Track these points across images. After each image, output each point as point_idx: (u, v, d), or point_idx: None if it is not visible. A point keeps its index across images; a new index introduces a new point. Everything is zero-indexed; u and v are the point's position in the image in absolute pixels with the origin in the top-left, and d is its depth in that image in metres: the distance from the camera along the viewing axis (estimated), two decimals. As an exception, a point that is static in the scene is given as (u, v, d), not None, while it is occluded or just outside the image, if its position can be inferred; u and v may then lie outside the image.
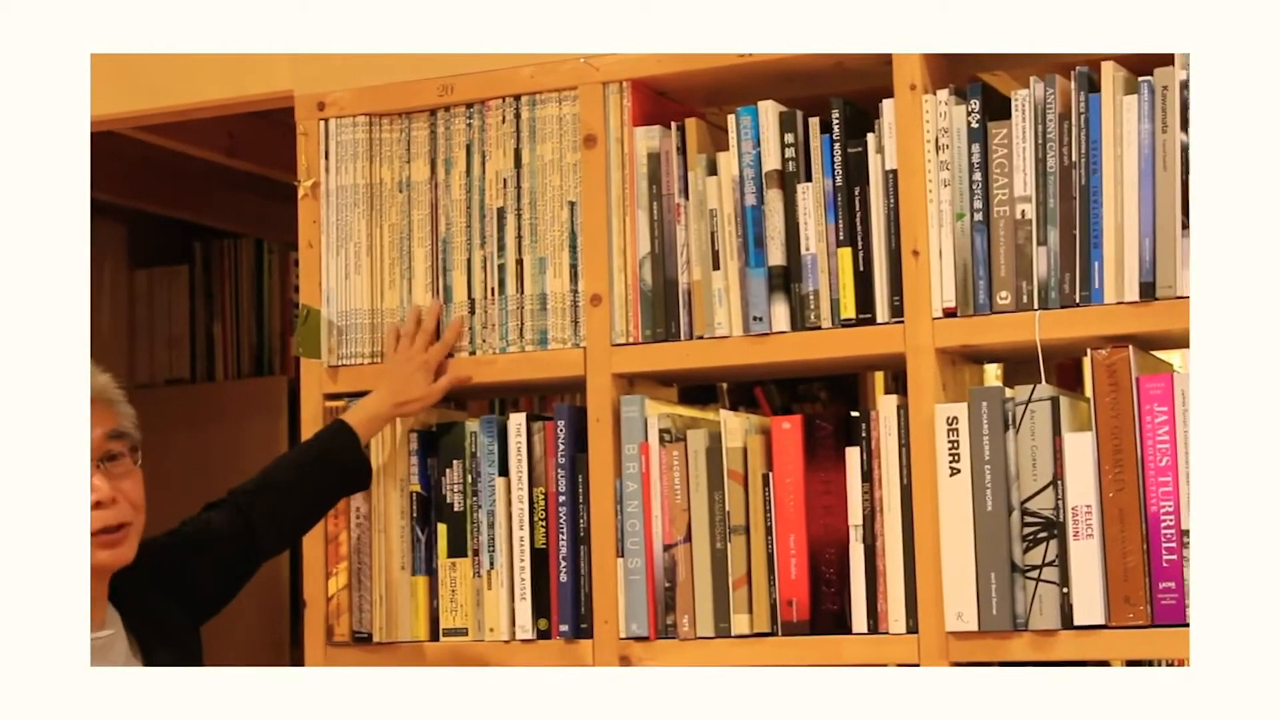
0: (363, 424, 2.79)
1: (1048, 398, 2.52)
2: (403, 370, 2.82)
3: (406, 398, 2.82)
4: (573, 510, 2.78)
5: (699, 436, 2.71)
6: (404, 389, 2.81)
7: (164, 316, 4.49)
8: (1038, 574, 2.51)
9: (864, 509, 2.63)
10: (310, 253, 2.95)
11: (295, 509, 2.73)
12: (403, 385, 2.81)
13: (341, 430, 2.78)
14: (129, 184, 4.20)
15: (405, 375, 2.82)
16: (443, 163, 2.91)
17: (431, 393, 2.83)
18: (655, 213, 2.78)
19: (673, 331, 2.76)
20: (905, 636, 2.58)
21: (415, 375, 2.82)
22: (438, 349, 2.84)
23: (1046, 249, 2.56)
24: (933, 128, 2.62)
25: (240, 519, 2.63)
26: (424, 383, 2.82)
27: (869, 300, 2.65)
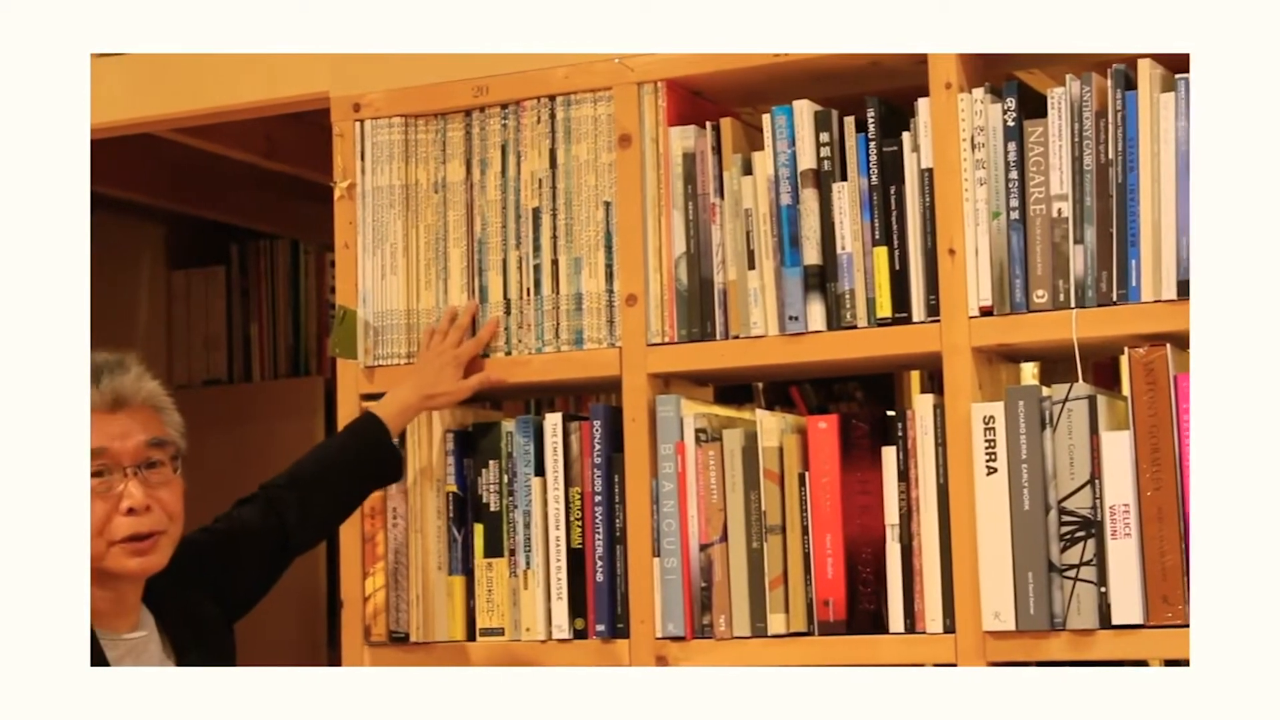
0: (392, 416, 2.79)
1: (1085, 396, 2.52)
2: (433, 364, 2.83)
3: (435, 390, 2.82)
4: (608, 510, 2.78)
5: (735, 436, 2.71)
6: (433, 382, 2.82)
7: (201, 317, 4.51)
8: (1075, 573, 2.50)
9: (900, 508, 2.63)
10: (346, 254, 2.96)
11: (327, 503, 2.74)
12: (432, 378, 2.82)
13: (371, 423, 2.78)
14: (167, 186, 4.21)
15: (435, 369, 2.82)
16: (478, 163, 2.91)
17: (460, 388, 2.83)
18: (690, 212, 2.78)
19: (708, 331, 2.76)
20: (942, 636, 2.58)
21: (445, 369, 2.82)
22: (470, 346, 2.85)
23: (1083, 247, 2.55)
24: (968, 126, 2.61)
25: (272, 514, 2.64)
26: (453, 378, 2.82)
27: (905, 299, 2.65)
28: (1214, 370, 2.15)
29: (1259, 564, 2.07)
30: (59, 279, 2.18)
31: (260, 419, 4.29)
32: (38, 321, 2.16)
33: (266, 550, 2.63)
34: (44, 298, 2.17)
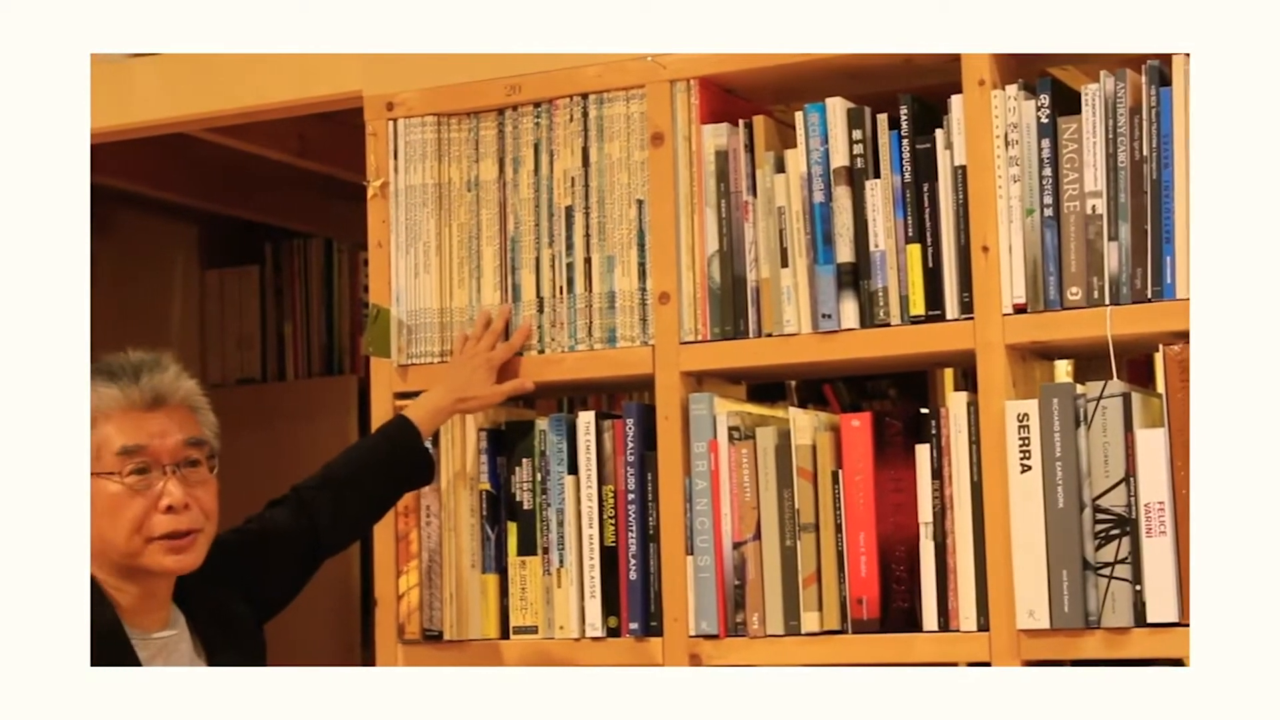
0: (424, 419, 2.80)
1: (1119, 394, 2.51)
2: (465, 367, 2.83)
3: (467, 394, 2.82)
4: (642, 508, 2.78)
5: (768, 434, 2.71)
6: (466, 386, 2.82)
7: (235, 316, 4.53)
8: (1110, 571, 2.49)
9: (934, 506, 2.62)
10: (380, 252, 2.97)
11: (358, 505, 2.74)
12: (465, 382, 2.82)
13: (403, 425, 2.79)
14: (201, 185, 4.23)
15: (468, 372, 2.83)
16: (511, 162, 2.91)
17: (494, 393, 2.83)
18: (723, 210, 2.77)
19: (741, 329, 2.76)
20: (976, 634, 2.57)
21: (478, 373, 2.82)
22: (503, 350, 2.85)
23: (1117, 244, 2.54)
24: (1002, 123, 2.61)
25: (304, 516, 2.64)
26: (486, 381, 2.83)
27: (938, 297, 2.64)
28: (1214, 371, 2.14)
29: (1259, 564, 2.07)
30: (59, 279, 2.19)
31: (294, 418, 4.30)
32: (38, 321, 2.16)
33: (297, 552, 2.64)
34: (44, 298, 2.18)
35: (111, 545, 2.35)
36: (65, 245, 2.20)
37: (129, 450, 2.36)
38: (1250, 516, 2.08)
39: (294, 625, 2.73)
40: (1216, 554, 2.10)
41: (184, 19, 2.90)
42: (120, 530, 2.35)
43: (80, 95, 2.27)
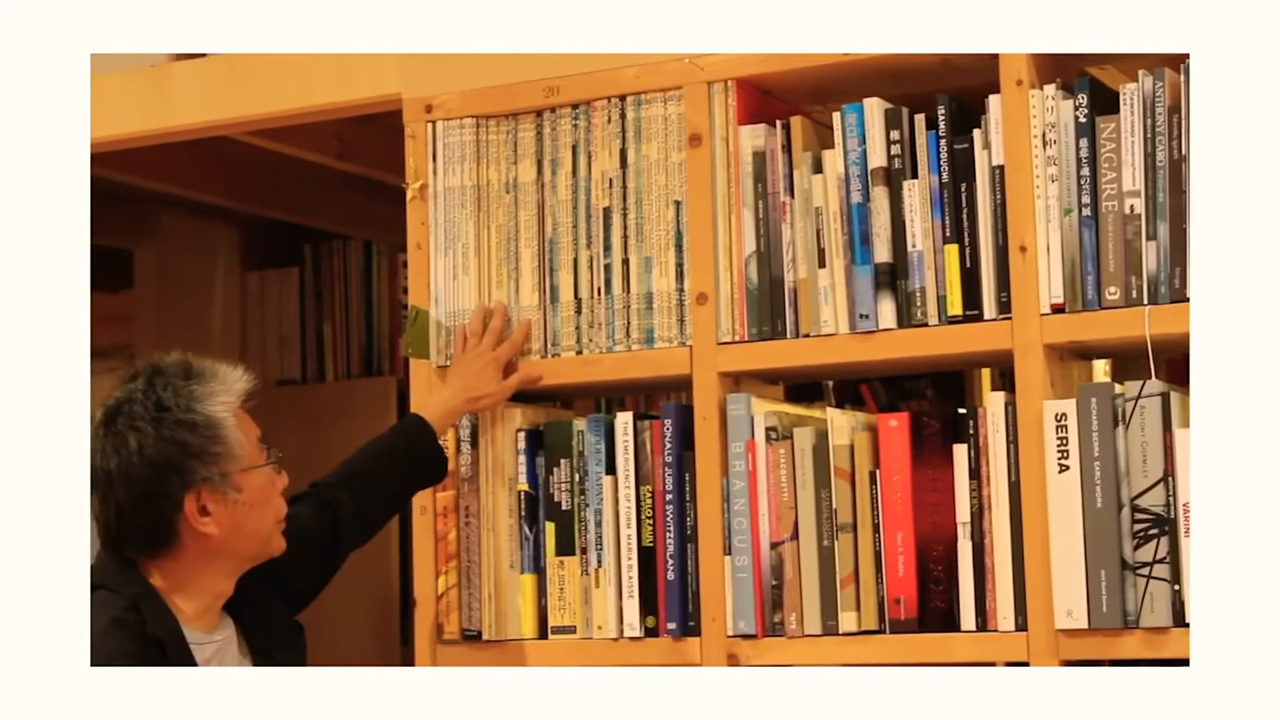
0: (438, 418, 2.82)
1: (1158, 393, 2.50)
2: (472, 367, 2.85)
3: (478, 393, 2.84)
4: (679, 508, 2.78)
5: (806, 434, 2.71)
6: (475, 385, 2.84)
7: (275, 318, 4.55)
8: (1148, 571, 2.49)
9: (972, 506, 2.62)
10: (419, 254, 2.98)
11: (377, 502, 2.78)
12: (474, 381, 2.84)
13: (419, 423, 2.81)
14: (241, 188, 4.25)
15: (475, 372, 2.85)
16: (549, 163, 2.92)
17: (502, 389, 2.85)
18: (760, 211, 2.78)
19: (779, 329, 2.76)
20: (1014, 634, 2.57)
21: (485, 372, 2.84)
22: (506, 348, 2.87)
23: (1156, 244, 2.54)
24: (1040, 123, 2.61)
25: (326, 512, 2.67)
26: (494, 379, 2.85)
27: (976, 297, 2.64)
28: (1214, 371, 2.14)
29: (1259, 565, 2.06)
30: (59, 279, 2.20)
31: (333, 419, 4.31)
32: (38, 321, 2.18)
33: (319, 547, 2.67)
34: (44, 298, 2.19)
35: (255, 536, 2.43)
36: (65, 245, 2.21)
37: (265, 439, 2.47)
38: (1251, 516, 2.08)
39: (334, 625, 2.75)
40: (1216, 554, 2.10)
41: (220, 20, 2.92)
42: (268, 518, 2.45)
43: (80, 95, 2.28)
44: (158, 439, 2.35)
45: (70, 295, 2.21)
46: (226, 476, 2.38)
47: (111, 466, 2.36)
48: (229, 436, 2.39)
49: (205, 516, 2.38)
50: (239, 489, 2.39)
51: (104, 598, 2.35)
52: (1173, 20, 2.46)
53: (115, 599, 2.35)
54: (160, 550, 2.39)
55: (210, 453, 2.37)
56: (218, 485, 2.38)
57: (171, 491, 2.36)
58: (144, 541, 2.39)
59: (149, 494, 2.36)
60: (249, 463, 2.41)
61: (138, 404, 2.37)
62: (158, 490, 2.36)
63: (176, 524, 2.37)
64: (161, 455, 2.35)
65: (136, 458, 2.35)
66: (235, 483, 2.39)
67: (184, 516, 2.37)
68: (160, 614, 2.35)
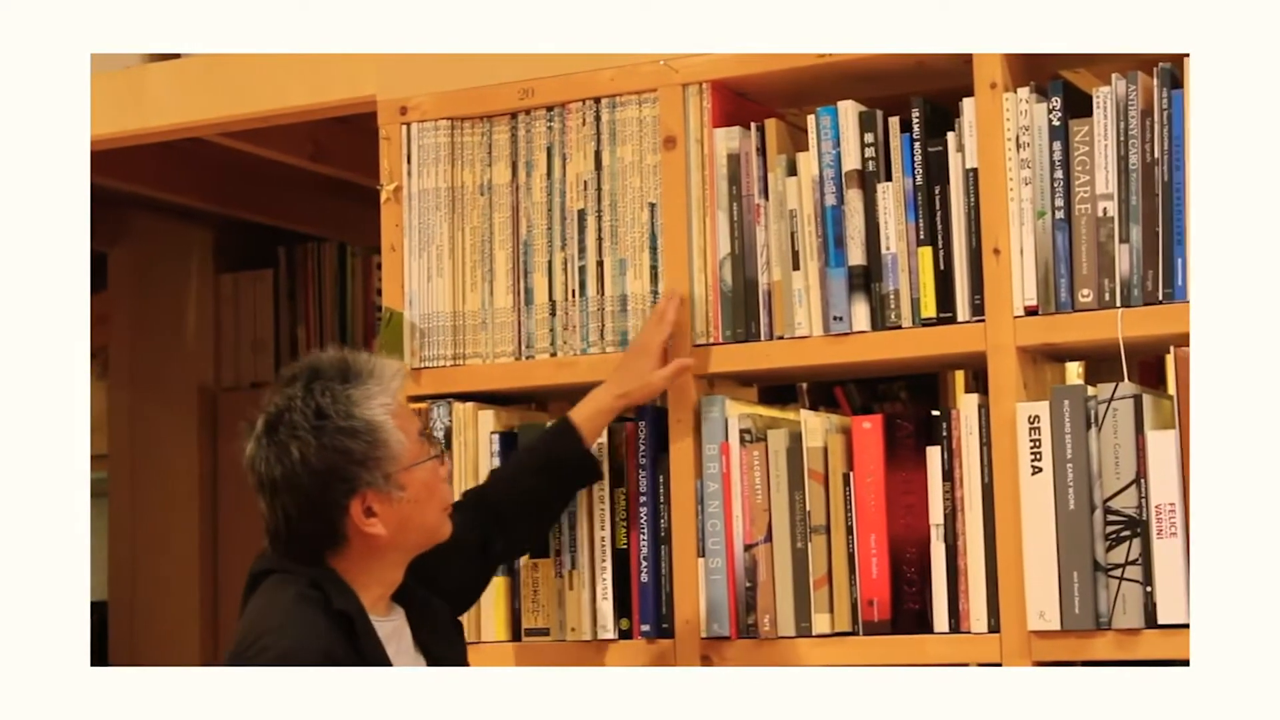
0: (586, 420, 2.75)
1: (1130, 396, 2.51)
2: (633, 359, 2.76)
3: (631, 386, 2.75)
4: (654, 510, 2.79)
5: (779, 436, 2.71)
6: (631, 378, 2.75)
7: (249, 320, 4.54)
8: (1121, 573, 2.50)
9: (945, 508, 2.63)
10: (393, 256, 2.98)
11: (522, 510, 2.72)
12: (632, 374, 2.75)
13: (565, 429, 2.75)
14: (215, 190, 4.25)
15: (633, 361, 2.76)
16: (524, 165, 2.92)
17: (660, 379, 2.75)
18: (735, 213, 2.78)
19: (753, 332, 2.77)
20: (987, 636, 2.58)
21: (637, 361, 2.76)
22: (658, 331, 2.76)
23: (1129, 246, 2.55)
24: (1013, 126, 2.61)
25: (476, 521, 2.65)
26: (647, 369, 2.75)
27: (949, 299, 2.65)
28: (1214, 371, 2.15)
29: (1259, 565, 2.07)
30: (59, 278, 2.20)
31: (308, 421, 4.30)
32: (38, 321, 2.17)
33: (468, 556, 2.64)
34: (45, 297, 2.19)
35: (422, 529, 2.42)
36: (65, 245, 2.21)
37: (427, 434, 2.46)
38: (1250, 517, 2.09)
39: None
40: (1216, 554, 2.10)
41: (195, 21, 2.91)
42: (434, 510, 2.43)
43: (80, 95, 2.28)
44: (320, 448, 2.34)
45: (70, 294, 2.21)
46: (390, 477, 2.36)
47: (276, 475, 2.35)
48: (390, 439, 2.37)
49: (371, 518, 2.36)
50: (403, 487, 2.37)
51: (281, 579, 2.37)
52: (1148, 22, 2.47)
53: (294, 579, 2.36)
54: (328, 550, 2.39)
55: (373, 457, 2.35)
56: (382, 488, 2.36)
57: (337, 499, 2.35)
58: (313, 544, 2.38)
59: (315, 502, 2.35)
60: (411, 460, 2.39)
61: (297, 412, 2.35)
62: (323, 498, 2.35)
63: (344, 528, 2.37)
64: (324, 464, 2.34)
65: (300, 467, 2.33)
66: (399, 482, 2.37)
67: (350, 520, 2.36)
68: (342, 590, 2.36)
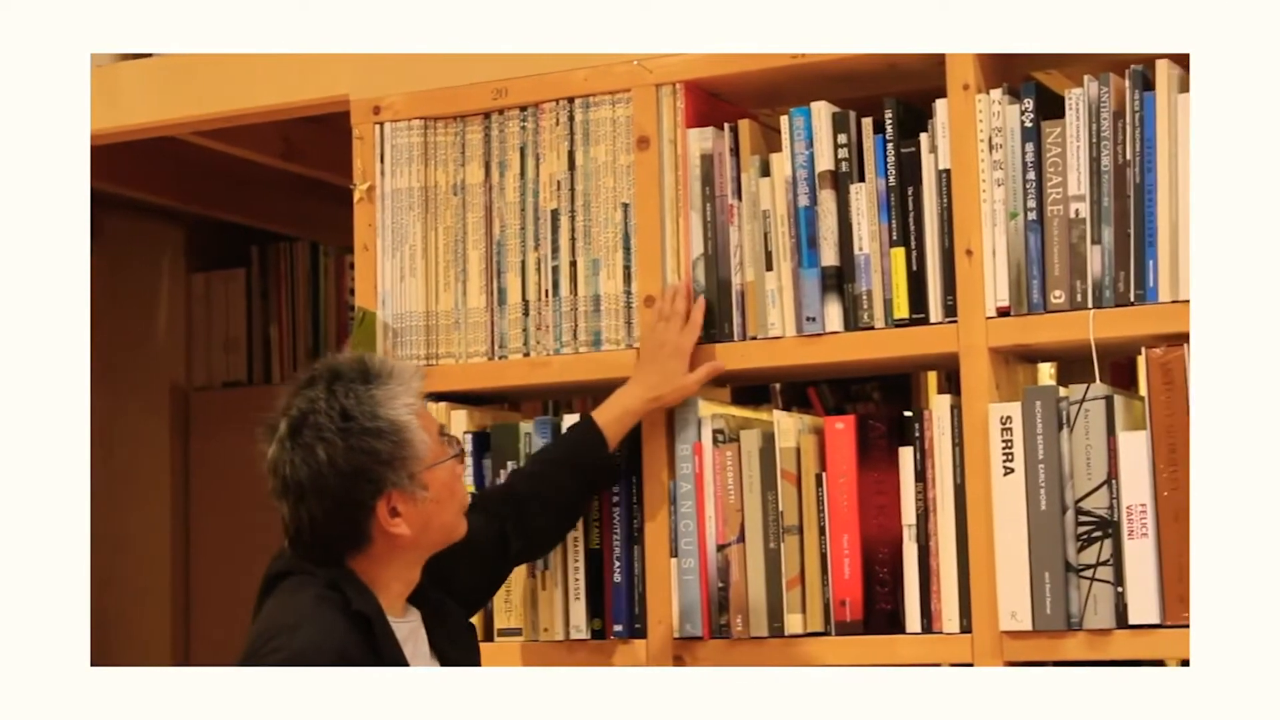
0: (612, 422, 2.73)
1: (1102, 397, 2.52)
2: (657, 361, 2.74)
3: (661, 391, 2.73)
4: (626, 511, 2.79)
5: (752, 437, 2.72)
6: (661, 382, 2.73)
7: (221, 319, 4.53)
8: (1092, 573, 2.51)
9: (917, 508, 2.63)
10: (366, 256, 2.97)
11: (539, 512, 2.71)
12: (660, 378, 2.73)
13: (588, 430, 2.73)
14: (187, 188, 4.23)
15: (660, 364, 2.73)
16: (497, 165, 2.92)
17: (691, 382, 2.73)
18: (708, 214, 2.78)
19: (726, 332, 2.77)
20: (959, 636, 2.58)
21: (670, 363, 2.73)
22: (690, 333, 2.75)
23: (1101, 248, 2.56)
24: (986, 127, 2.62)
25: (494, 522, 2.64)
26: (680, 371, 2.73)
27: (922, 300, 2.66)
28: (1215, 371, 2.16)
29: (1259, 564, 2.08)
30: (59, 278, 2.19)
31: (280, 421, 4.29)
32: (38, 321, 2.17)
33: (487, 556, 2.64)
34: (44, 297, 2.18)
35: (442, 528, 2.42)
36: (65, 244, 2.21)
37: (446, 433, 2.45)
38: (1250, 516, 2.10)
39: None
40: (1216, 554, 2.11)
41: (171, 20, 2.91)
42: (453, 509, 2.43)
43: (80, 95, 2.28)
44: (346, 449, 2.33)
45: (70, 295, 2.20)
46: (414, 477, 2.36)
47: (302, 478, 2.33)
48: (414, 439, 2.36)
49: (396, 518, 2.36)
50: (425, 487, 2.37)
51: (299, 580, 2.36)
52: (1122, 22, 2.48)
53: (312, 580, 2.36)
54: (350, 551, 2.38)
55: (399, 457, 2.35)
56: (406, 488, 2.35)
57: (364, 499, 2.34)
58: (336, 546, 2.38)
59: (342, 503, 2.34)
60: (433, 460, 2.38)
61: (321, 414, 2.34)
62: (351, 499, 2.34)
63: (369, 528, 2.36)
64: (352, 465, 2.33)
65: (327, 469, 2.33)
66: (422, 481, 2.37)
67: (376, 521, 2.36)
68: (360, 591, 2.35)
